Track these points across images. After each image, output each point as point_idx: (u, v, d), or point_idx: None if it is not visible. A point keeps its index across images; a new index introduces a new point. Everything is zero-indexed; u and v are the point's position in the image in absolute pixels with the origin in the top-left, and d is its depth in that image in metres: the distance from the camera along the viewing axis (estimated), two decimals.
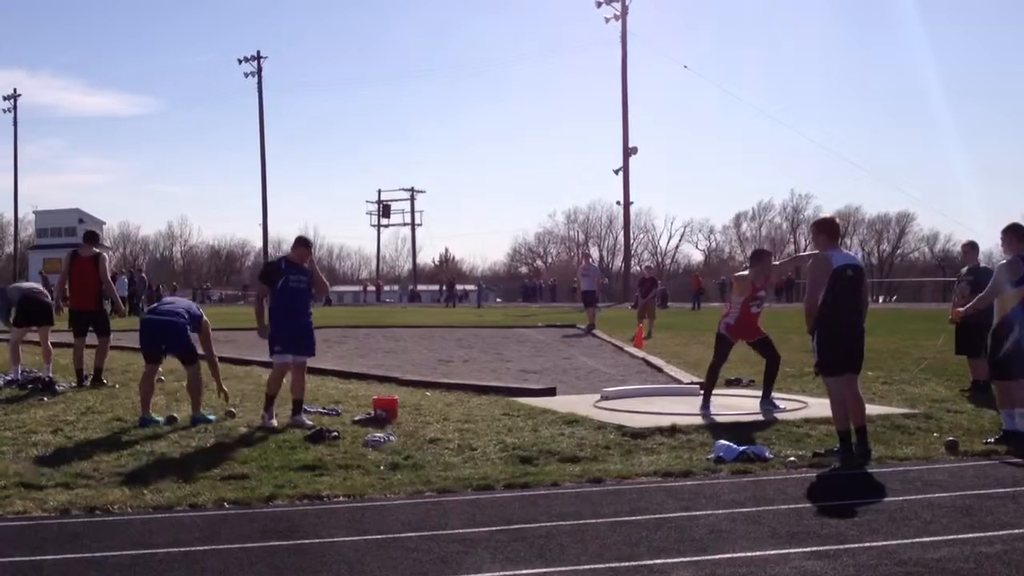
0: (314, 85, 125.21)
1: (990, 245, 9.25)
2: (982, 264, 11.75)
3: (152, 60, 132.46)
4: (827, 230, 7.94)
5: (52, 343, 11.96)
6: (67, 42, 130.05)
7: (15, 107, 78.26)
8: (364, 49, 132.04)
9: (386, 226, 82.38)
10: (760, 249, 11.62)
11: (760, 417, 9.20)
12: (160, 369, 9.71)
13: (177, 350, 9.26)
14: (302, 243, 9.47)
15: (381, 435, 8.24)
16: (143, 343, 9.37)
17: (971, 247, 11.87)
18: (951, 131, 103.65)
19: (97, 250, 11.83)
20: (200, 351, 9.43)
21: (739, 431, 8.44)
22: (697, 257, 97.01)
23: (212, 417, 8.96)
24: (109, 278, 11.70)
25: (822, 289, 7.66)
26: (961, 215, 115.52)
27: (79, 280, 11.59)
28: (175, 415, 9.03)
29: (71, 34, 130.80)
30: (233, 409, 9.36)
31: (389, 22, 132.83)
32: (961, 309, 9.44)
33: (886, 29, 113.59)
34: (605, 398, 10.54)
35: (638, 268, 53.00)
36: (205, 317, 9.67)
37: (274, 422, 8.78)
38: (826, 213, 8.46)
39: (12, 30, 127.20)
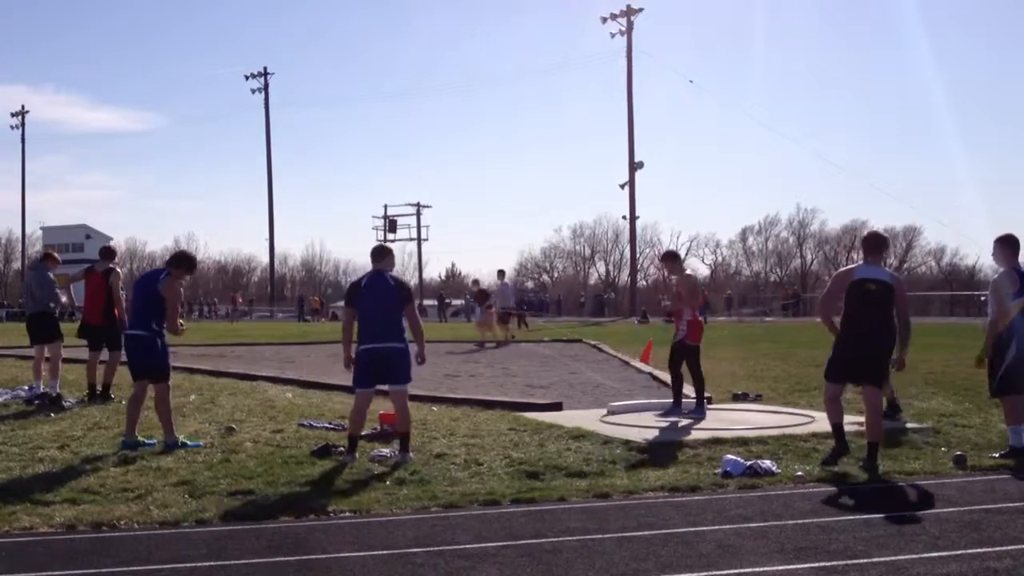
0: (320, 100, 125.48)
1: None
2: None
3: (156, 76, 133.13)
4: (863, 245, 8.28)
5: (65, 358, 12.04)
6: (70, 57, 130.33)
7: (23, 124, 77.86)
8: (370, 65, 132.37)
9: (392, 241, 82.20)
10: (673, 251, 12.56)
11: (767, 431, 9.16)
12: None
13: (139, 366, 8.65)
14: (381, 254, 8.28)
15: (387, 450, 8.24)
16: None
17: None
18: (957, 145, 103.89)
19: (111, 265, 11.92)
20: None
21: (746, 446, 8.42)
22: (703, 271, 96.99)
23: (189, 442, 8.54)
24: (119, 294, 11.78)
25: (832, 300, 8.03)
26: (968, 229, 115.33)
27: (91, 294, 11.79)
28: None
29: (74, 49, 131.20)
30: (234, 425, 9.34)
31: (395, 38, 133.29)
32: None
33: (893, 45, 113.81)
34: (611, 413, 10.53)
35: (644, 283, 52.98)
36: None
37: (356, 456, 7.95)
38: (873, 228, 9.04)
39: (14, 45, 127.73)
